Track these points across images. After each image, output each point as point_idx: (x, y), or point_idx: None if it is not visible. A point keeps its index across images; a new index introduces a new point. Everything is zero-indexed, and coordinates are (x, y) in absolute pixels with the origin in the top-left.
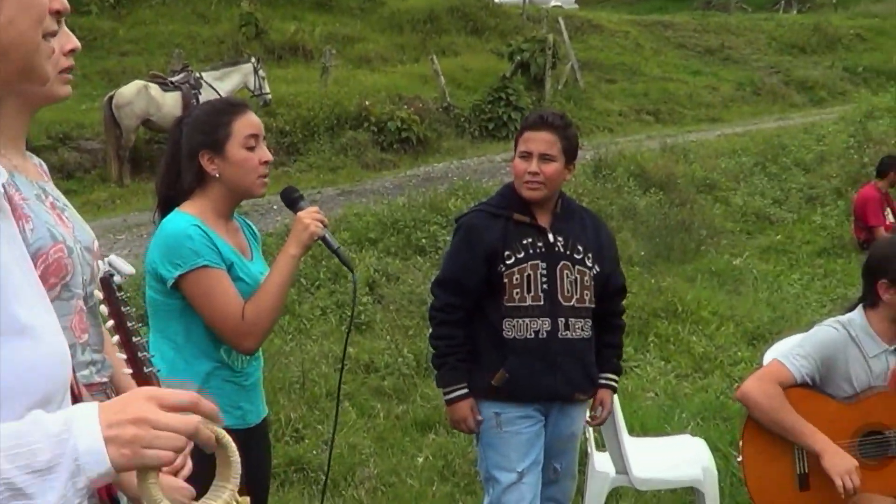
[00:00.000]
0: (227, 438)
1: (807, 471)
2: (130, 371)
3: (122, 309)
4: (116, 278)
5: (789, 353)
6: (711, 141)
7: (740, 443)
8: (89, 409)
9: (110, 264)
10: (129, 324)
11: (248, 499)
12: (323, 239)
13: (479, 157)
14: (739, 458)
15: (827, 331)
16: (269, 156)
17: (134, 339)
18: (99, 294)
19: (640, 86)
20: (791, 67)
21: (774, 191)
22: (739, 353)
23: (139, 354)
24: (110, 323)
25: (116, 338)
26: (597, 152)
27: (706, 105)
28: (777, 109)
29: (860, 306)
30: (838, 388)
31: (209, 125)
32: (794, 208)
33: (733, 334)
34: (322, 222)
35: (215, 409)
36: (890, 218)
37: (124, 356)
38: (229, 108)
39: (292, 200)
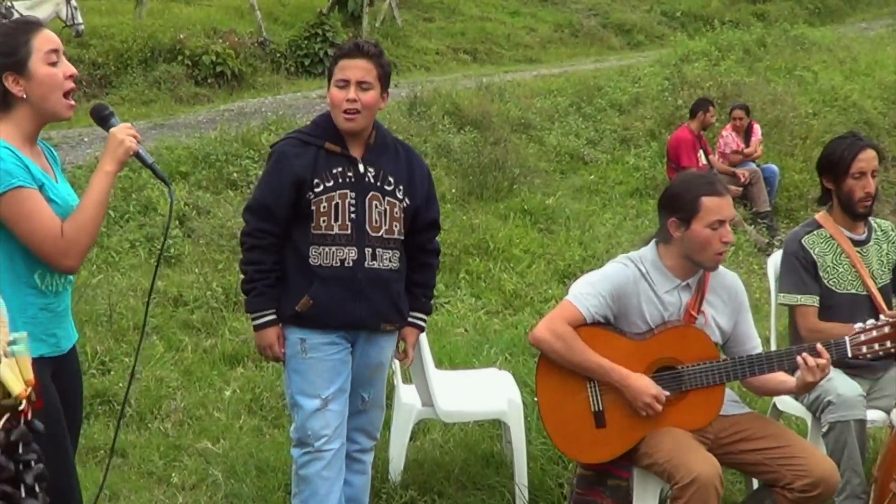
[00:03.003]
0: None
1: (602, 408)
2: None
3: None
4: None
5: (580, 292)
6: (528, 81)
7: (535, 385)
8: None
9: None
10: None
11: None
12: (137, 154)
13: (294, 94)
14: (536, 399)
15: (617, 268)
16: (73, 69)
17: None
18: None
19: (458, 25)
20: (610, 10)
21: (589, 131)
22: (550, 291)
23: None
24: None
25: None
26: (412, 90)
27: (524, 46)
28: (595, 52)
29: (653, 242)
30: (633, 325)
31: (8, 46)
32: (609, 149)
33: (544, 272)
34: (136, 137)
35: None
36: (703, 159)
37: None
38: (26, 27)
39: (103, 118)
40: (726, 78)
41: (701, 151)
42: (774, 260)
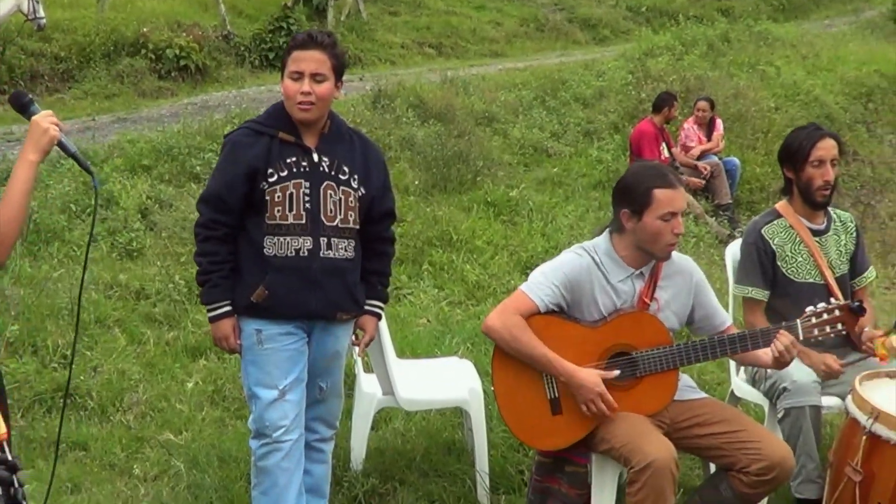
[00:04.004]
0: None
1: (557, 395)
2: None
3: None
4: None
5: (533, 282)
6: (493, 75)
7: (492, 374)
8: None
9: None
10: None
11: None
12: (60, 143)
13: (258, 87)
14: (493, 388)
15: (570, 257)
16: None
17: None
18: None
19: (423, 19)
20: (575, 5)
21: (553, 124)
22: (513, 282)
23: None
24: None
25: None
26: (377, 83)
27: (489, 40)
28: (560, 46)
29: (607, 231)
30: (586, 313)
31: None
32: (572, 142)
33: (507, 263)
34: (58, 125)
35: None
36: (665, 153)
37: None
38: None
39: (23, 105)
40: (690, 72)
41: (663, 144)
42: (733, 249)
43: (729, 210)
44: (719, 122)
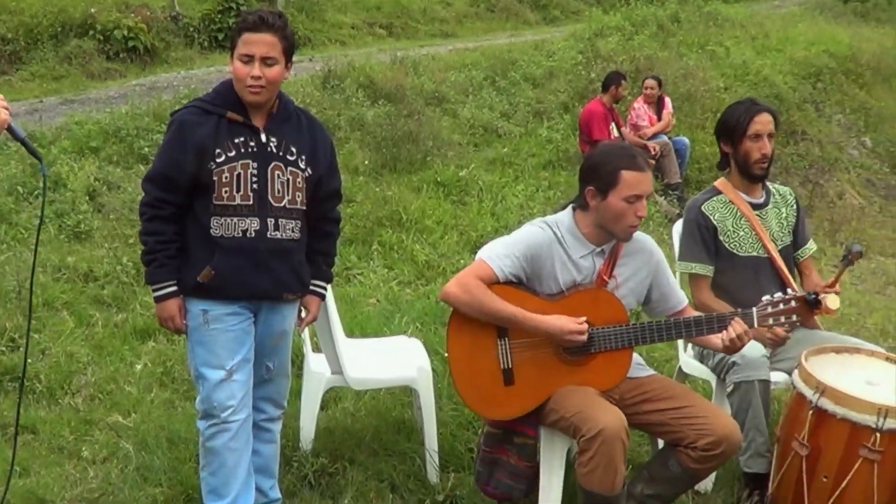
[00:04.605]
0: None
1: (511, 365)
2: None
3: None
4: None
5: (494, 252)
6: (443, 55)
7: (446, 342)
8: None
9: None
10: None
11: None
12: (10, 128)
13: (207, 68)
14: (447, 355)
15: (532, 230)
16: None
17: None
18: None
19: None
20: None
21: (503, 104)
22: (462, 261)
23: None
24: None
25: None
26: (326, 64)
27: (440, 20)
28: (510, 27)
29: (570, 207)
30: (546, 287)
31: None
32: (522, 122)
33: (457, 243)
34: (8, 109)
35: None
36: (615, 132)
37: None
38: None
39: None
40: (639, 52)
41: (612, 124)
42: (678, 228)
43: (678, 189)
44: (668, 101)
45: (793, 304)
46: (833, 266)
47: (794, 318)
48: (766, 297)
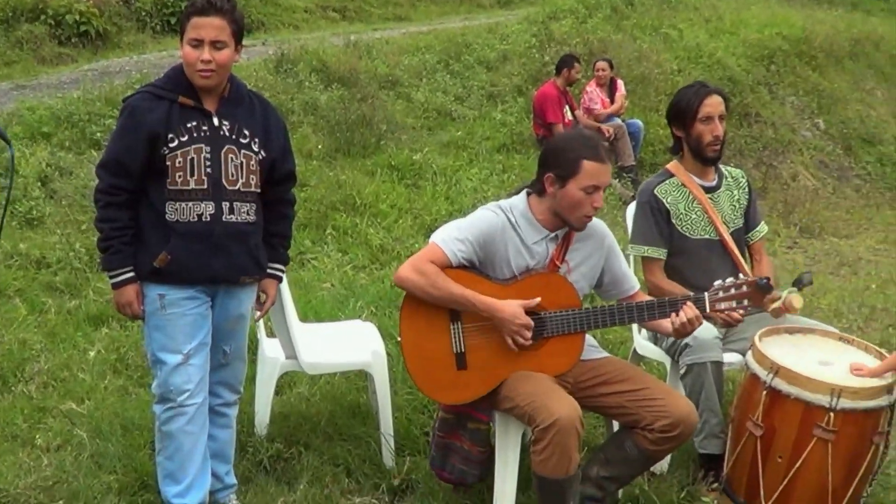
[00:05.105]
0: None
1: (464, 350)
2: None
3: None
4: None
5: (447, 235)
6: (397, 39)
7: (399, 326)
8: None
9: None
10: None
11: None
12: None
13: (159, 52)
14: (399, 340)
15: (486, 215)
16: None
17: None
18: None
19: None
20: None
21: (457, 88)
22: (417, 245)
23: None
24: None
25: None
26: (280, 48)
27: (394, 4)
28: (464, 10)
29: (525, 192)
30: (499, 271)
31: None
32: (476, 105)
33: (411, 227)
34: None
35: None
36: (569, 115)
37: None
38: None
39: None
40: (593, 35)
41: (567, 107)
42: (631, 210)
43: (632, 172)
44: (620, 84)
45: (745, 289)
46: (786, 251)
47: (746, 302)
48: (717, 282)
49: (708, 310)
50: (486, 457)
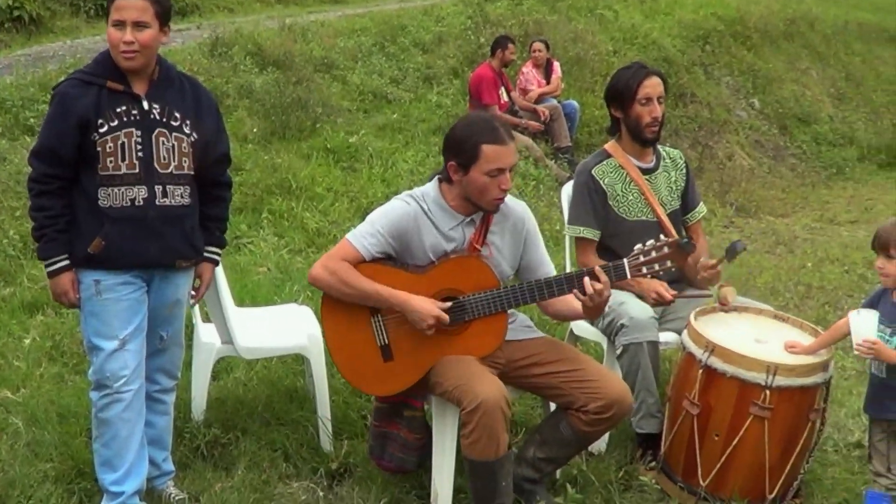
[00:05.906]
0: None
1: (387, 342)
2: None
3: None
4: None
5: (359, 231)
6: (332, 21)
7: (322, 324)
8: None
9: None
10: None
11: None
12: None
13: (94, 37)
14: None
15: (397, 205)
16: None
17: None
18: None
19: None
20: None
21: (392, 70)
22: (353, 228)
23: None
24: None
25: None
26: (213, 31)
27: None
28: None
29: (436, 179)
30: (417, 259)
31: None
32: (412, 87)
33: (347, 210)
34: None
35: None
36: (504, 97)
37: None
38: None
39: None
40: (528, 16)
41: (502, 88)
42: (567, 190)
43: (568, 153)
44: (556, 65)
45: (666, 249)
46: (722, 230)
47: (668, 263)
48: (637, 246)
49: (629, 276)
50: (424, 443)
